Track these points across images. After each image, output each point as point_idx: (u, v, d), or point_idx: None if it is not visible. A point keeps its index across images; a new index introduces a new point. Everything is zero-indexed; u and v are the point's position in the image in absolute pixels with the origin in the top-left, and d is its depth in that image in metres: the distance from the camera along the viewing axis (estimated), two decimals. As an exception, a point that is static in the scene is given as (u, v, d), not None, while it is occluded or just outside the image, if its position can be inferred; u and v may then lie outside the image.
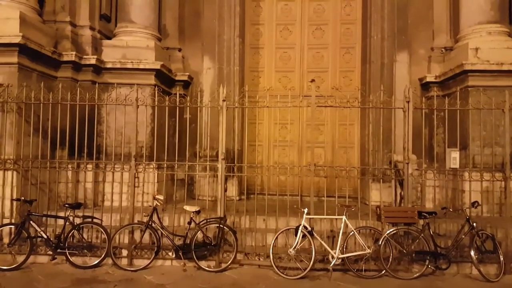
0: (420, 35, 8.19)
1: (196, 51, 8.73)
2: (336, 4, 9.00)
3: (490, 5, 7.06)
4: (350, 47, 8.97)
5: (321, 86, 8.71)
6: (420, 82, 8.04)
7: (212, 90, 8.20)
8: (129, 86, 6.90)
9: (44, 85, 6.03)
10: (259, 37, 9.24)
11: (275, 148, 8.51)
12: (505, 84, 6.65)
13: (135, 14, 7.65)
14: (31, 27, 6.24)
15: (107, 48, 7.51)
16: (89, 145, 6.49)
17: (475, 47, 6.85)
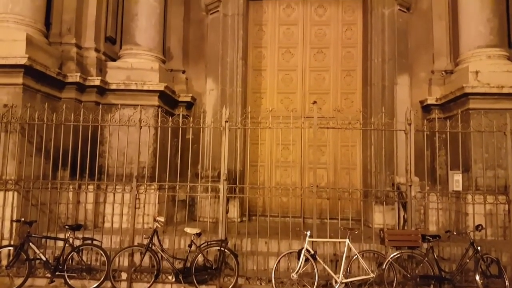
0: (421, 58, 8.30)
1: (199, 73, 8.84)
2: (337, 28, 9.15)
3: (489, 30, 7.17)
4: (351, 70, 9.06)
5: (323, 108, 8.75)
6: (421, 105, 8.08)
7: (214, 111, 8.27)
8: (133, 107, 6.99)
9: (48, 106, 6.09)
10: (261, 59, 9.36)
11: (277, 169, 8.49)
12: (506, 107, 6.69)
13: (140, 36, 7.78)
14: (37, 48, 6.34)
15: (112, 69, 7.61)
16: (91, 166, 6.48)
17: (475, 70, 6.91)
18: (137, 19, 7.75)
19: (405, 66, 8.14)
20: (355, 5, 9.08)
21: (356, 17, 9.08)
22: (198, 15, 8.92)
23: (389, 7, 8.13)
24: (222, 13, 8.50)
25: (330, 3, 9.16)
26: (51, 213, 6.07)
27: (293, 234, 5.69)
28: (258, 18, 9.31)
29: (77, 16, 7.26)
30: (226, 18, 8.51)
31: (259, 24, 9.34)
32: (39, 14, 6.66)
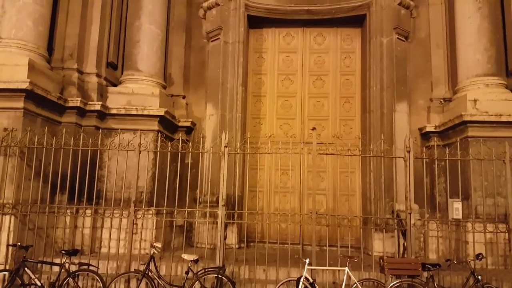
0: (419, 86, 8.39)
1: (200, 99, 8.93)
2: (336, 56, 9.30)
3: (486, 59, 7.28)
4: (350, 97, 9.15)
5: (322, 134, 8.79)
6: (420, 132, 8.12)
7: (214, 136, 8.30)
8: (133, 132, 7.03)
9: (48, 130, 6.12)
10: (261, 85, 9.46)
11: (276, 195, 8.45)
12: (504, 135, 6.73)
13: (142, 63, 7.90)
14: (39, 73, 6.43)
15: (112, 94, 7.68)
16: (89, 190, 6.46)
17: (474, 98, 6.99)
18: (139, 46, 7.89)
19: (403, 93, 8.22)
20: (353, 34, 9.26)
21: (355, 45, 9.24)
22: (199, 42, 9.09)
23: (388, 36, 8.29)
24: (223, 41, 8.66)
25: (329, 32, 9.34)
26: (47, 238, 6.00)
27: (292, 262, 5.61)
28: (258, 45, 9.48)
29: (79, 41, 7.38)
30: (227, 45, 8.66)
31: (259, 52, 9.49)
32: (42, 39, 6.78)
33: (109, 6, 7.97)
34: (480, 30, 7.34)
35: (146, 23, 7.93)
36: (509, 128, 6.82)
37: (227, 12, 8.69)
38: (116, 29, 8.20)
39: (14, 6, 6.53)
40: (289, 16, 9.04)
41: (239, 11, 8.74)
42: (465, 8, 7.53)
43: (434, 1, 8.54)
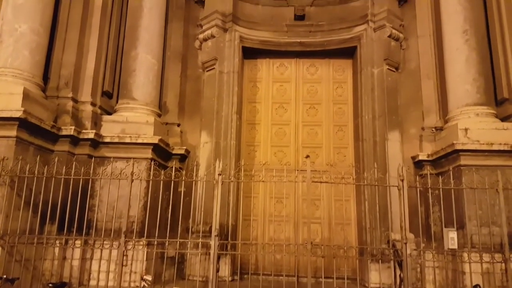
0: (411, 115, 8.49)
1: (194, 126, 8.95)
2: (328, 86, 9.45)
3: (476, 89, 7.41)
4: (343, 125, 9.24)
5: (316, 161, 8.82)
6: (413, 160, 8.15)
7: (208, 164, 8.27)
8: (126, 160, 6.97)
9: (40, 159, 6.06)
10: (255, 113, 9.54)
11: (270, 223, 8.35)
12: (496, 164, 6.76)
13: (137, 91, 7.94)
14: (34, 102, 6.43)
15: (107, 123, 7.67)
16: (80, 220, 6.34)
17: (465, 127, 7.07)
18: (135, 75, 7.95)
19: (395, 122, 8.31)
20: (345, 65, 9.46)
21: (346, 75, 9.42)
22: (195, 72, 9.21)
23: (378, 66, 8.46)
24: (218, 70, 8.78)
25: (321, 63, 9.54)
26: (35, 270, 5.83)
27: (287, 295, 5.48)
28: (253, 75, 9.63)
29: (75, 70, 7.41)
30: (222, 75, 8.78)
31: (254, 81, 9.63)
32: (38, 68, 6.83)
33: (106, 36, 8.08)
34: (469, 61, 7.51)
35: (143, 53, 8.04)
36: (500, 156, 6.87)
37: (223, 43, 8.87)
38: (112, 58, 8.29)
39: (12, 36, 6.60)
40: (283, 47, 9.25)
41: (234, 42, 8.92)
42: (453, 40, 7.74)
43: (423, 33, 8.77)
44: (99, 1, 7.88)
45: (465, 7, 7.72)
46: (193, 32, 9.29)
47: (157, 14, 8.35)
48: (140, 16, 8.16)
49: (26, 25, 6.66)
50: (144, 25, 8.12)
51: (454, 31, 7.73)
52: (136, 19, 8.18)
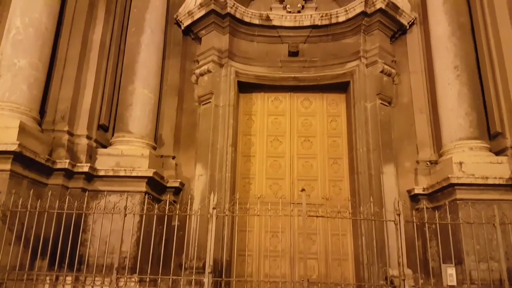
0: (405, 149, 8.54)
1: (189, 159, 8.94)
2: (322, 119, 9.56)
3: (468, 123, 7.52)
4: (337, 158, 9.27)
5: (312, 194, 8.77)
6: (408, 194, 8.13)
7: (203, 196, 8.19)
8: (119, 194, 6.91)
9: (34, 192, 6.01)
10: (251, 146, 9.56)
11: (265, 259, 8.18)
12: (492, 198, 6.76)
13: (133, 125, 7.99)
14: (29, 135, 6.45)
15: (102, 156, 7.66)
16: (72, 255, 6.20)
17: (459, 161, 7.11)
18: (131, 109, 8.03)
19: (390, 156, 8.34)
20: (338, 99, 9.61)
21: (340, 109, 9.55)
22: (191, 105, 9.30)
23: (371, 101, 8.59)
24: (214, 104, 8.88)
25: (315, 97, 9.70)
26: (22, 309, 5.64)
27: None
28: (248, 108, 9.74)
29: (72, 104, 7.48)
30: (218, 108, 8.87)
31: (249, 114, 9.73)
32: (35, 103, 6.90)
33: (103, 71, 8.22)
34: (460, 96, 7.66)
35: (140, 87, 8.15)
36: (496, 190, 6.87)
37: (219, 78, 9.02)
38: (109, 93, 8.39)
39: (10, 71, 6.70)
40: (277, 82, 9.43)
41: (230, 77, 9.08)
42: (444, 76, 7.92)
43: (414, 69, 8.98)
44: (98, 37, 8.06)
45: (455, 43, 7.95)
46: (189, 67, 9.46)
47: (155, 50, 8.54)
48: (138, 52, 8.33)
49: (25, 60, 6.79)
50: (142, 60, 8.28)
51: (445, 67, 7.92)
52: (134, 54, 8.35)
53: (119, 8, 8.85)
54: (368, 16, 8.79)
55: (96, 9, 8.21)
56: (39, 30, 6.99)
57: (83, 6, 7.95)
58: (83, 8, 7.94)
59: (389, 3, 8.68)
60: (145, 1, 8.64)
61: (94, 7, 8.17)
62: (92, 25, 8.09)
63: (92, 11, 8.12)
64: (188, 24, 9.31)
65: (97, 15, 8.19)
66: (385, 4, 8.62)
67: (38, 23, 7.00)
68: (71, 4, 7.89)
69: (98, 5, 8.24)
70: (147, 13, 8.58)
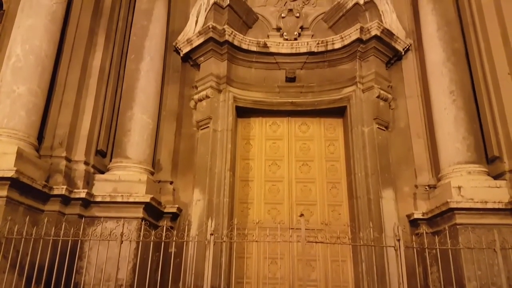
0: (403, 173, 8.53)
1: (187, 184, 8.89)
2: (320, 143, 9.59)
3: (466, 147, 7.54)
4: (336, 182, 9.24)
5: (310, 219, 8.69)
6: (408, 219, 8.06)
7: (200, 222, 8.11)
8: (116, 220, 6.83)
9: (30, 219, 5.95)
10: (249, 170, 9.54)
11: (264, 286, 8.01)
12: (492, 222, 6.71)
13: (131, 150, 7.98)
14: (27, 161, 6.43)
15: (99, 182, 7.63)
16: (67, 283, 6.07)
17: (458, 185, 7.10)
18: (129, 134, 8.04)
19: (388, 180, 8.31)
20: (335, 124, 9.68)
21: (338, 134, 9.61)
22: (189, 130, 9.33)
23: (368, 125, 8.65)
24: (212, 129, 8.92)
25: (313, 122, 9.77)
26: None
27: None
28: (246, 133, 9.78)
29: (70, 130, 7.48)
30: (216, 133, 8.91)
31: (247, 139, 9.76)
32: (33, 128, 6.91)
33: (103, 97, 8.27)
34: (457, 120, 7.71)
35: (138, 113, 8.20)
36: (495, 215, 6.84)
37: (217, 103, 9.10)
38: (108, 118, 8.42)
39: (9, 97, 6.73)
40: (275, 107, 9.53)
41: (228, 102, 9.17)
42: (440, 100, 8.01)
43: (411, 94, 9.08)
44: (97, 63, 8.14)
45: (450, 69, 8.07)
46: (188, 93, 9.55)
47: (154, 76, 8.63)
48: (137, 78, 8.42)
49: (24, 86, 6.83)
50: (141, 87, 8.36)
51: (441, 91, 8.02)
52: (133, 81, 8.44)
53: (119, 35, 8.99)
54: (363, 43, 8.96)
55: (96, 36, 8.33)
56: (39, 57, 7.07)
57: (83, 33, 8.06)
58: (83, 35, 8.05)
59: (384, 30, 8.87)
60: (144, 29, 8.81)
61: (94, 34, 8.30)
62: (92, 51, 8.19)
63: (92, 38, 8.23)
64: (187, 51, 9.47)
65: (97, 41, 8.30)
66: (380, 31, 8.81)
67: (39, 50, 7.09)
68: (71, 31, 8.01)
69: (98, 32, 8.37)
70: (147, 40, 8.73)
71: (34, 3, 7.30)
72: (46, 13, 7.31)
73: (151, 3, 9.06)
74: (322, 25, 9.90)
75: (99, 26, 8.41)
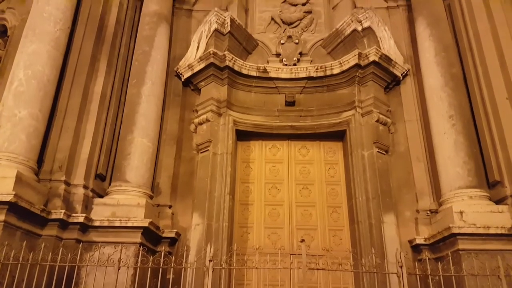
0: (404, 198, 8.47)
1: (186, 208, 8.82)
2: (320, 166, 9.58)
3: (466, 172, 7.51)
4: (337, 206, 9.17)
5: (311, 245, 8.58)
6: (410, 244, 7.95)
7: (199, 248, 7.99)
8: (114, 245, 6.73)
9: (27, 244, 5.85)
10: (248, 194, 9.49)
11: (264, 318, 7.83)
12: (495, 248, 6.63)
13: (131, 174, 7.96)
14: (26, 185, 6.40)
15: (98, 206, 7.56)
16: (62, 312, 5.93)
17: (460, 210, 7.03)
18: (129, 158, 8.04)
19: (389, 204, 8.25)
20: (335, 147, 9.70)
21: (338, 157, 9.61)
22: (189, 153, 9.34)
23: (368, 149, 8.66)
24: (212, 152, 8.93)
25: (312, 145, 9.79)
26: None
27: None
28: (246, 156, 9.79)
29: (70, 154, 7.47)
30: (216, 156, 8.91)
31: (247, 162, 9.75)
32: (33, 152, 6.90)
33: (103, 121, 8.30)
34: (457, 144, 7.71)
35: (139, 137, 8.22)
36: (498, 240, 6.75)
37: (217, 127, 9.15)
38: (108, 142, 8.42)
39: (10, 121, 6.76)
40: (275, 130, 9.58)
41: (228, 126, 9.22)
42: (440, 125, 8.04)
43: (410, 118, 9.13)
44: (99, 89, 8.21)
45: (448, 94, 8.14)
46: (188, 116, 9.62)
47: (155, 101, 8.71)
48: (138, 103, 8.49)
49: (26, 110, 6.86)
50: (142, 111, 8.42)
51: (440, 116, 8.06)
52: (134, 105, 8.50)
53: (120, 61, 9.13)
54: (362, 68, 9.08)
55: (98, 62, 8.43)
56: (41, 82, 7.14)
57: (86, 59, 8.17)
58: (85, 60, 8.15)
59: (382, 56, 9.00)
60: (146, 54, 8.95)
61: (96, 60, 8.40)
62: (93, 77, 8.27)
63: (94, 64, 8.33)
64: (188, 76, 9.60)
65: (99, 67, 8.40)
66: (378, 57, 8.94)
67: (41, 75, 7.16)
68: (74, 56, 8.11)
69: (100, 58, 8.48)
70: (148, 66, 8.85)
71: (38, 30, 7.44)
72: (50, 39, 7.43)
73: (153, 30, 9.25)
74: (320, 51, 10.08)
75: (101, 52, 8.54)
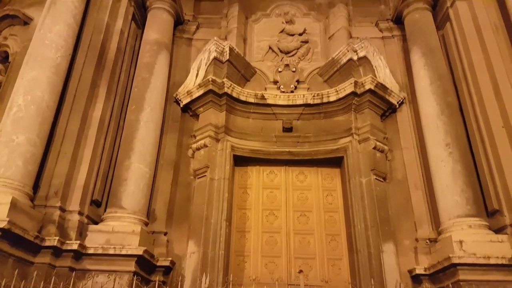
0: (403, 226, 8.39)
1: (182, 235, 8.68)
2: (318, 193, 9.52)
3: (465, 200, 7.47)
4: (335, 234, 9.05)
5: (310, 275, 8.40)
6: (410, 274, 7.79)
7: (194, 277, 7.81)
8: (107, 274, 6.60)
9: (19, 272, 5.70)
10: (245, 220, 9.38)
11: None
12: (496, 279, 6.52)
13: (127, 200, 7.88)
14: (20, 211, 6.31)
15: (92, 233, 7.44)
16: None
17: (459, 240, 6.95)
18: (126, 184, 7.98)
19: (388, 233, 8.15)
20: (333, 174, 9.68)
21: (335, 184, 9.57)
22: (186, 179, 9.30)
23: (366, 176, 8.64)
24: (209, 177, 8.88)
25: (310, 171, 9.76)
26: None
27: None
28: (243, 182, 9.73)
29: (66, 180, 7.40)
30: (213, 181, 8.86)
31: (244, 187, 9.69)
32: (29, 178, 6.84)
33: (101, 147, 8.26)
34: (454, 172, 7.70)
35: (136, 162, 8.20)
36: (499, 271, 6.63)
37: (214, 152, 9.15)
38: (105, 168, 8.37)
39: (8, 147, 6.73)
40: (272, 156, 9.58)
41: (226, 151, 9.22)
42: (437, 152, 8.05)
43: (406, 145, 9.18)
44: (97, 114, 8.21)
45: (444, 122, 8.21)
46: (186, 142, 9.64)
47: (153, 127, 8.75)
48: (136, 129, 8.52)
49: (24, 136, 6.84)
50: (140, 136, 8.44)
51: (437, 144, 8.09)
52: (132, 130, 8.52)
53: (120, 87, 9.21)
54: (358, 96, 9.20)
55: (98, 88, 8.48)
56: (40, 108, 7.14)
57: (86, 85, 8.20)
58: (85, 86, 8.18)
59: (377, 84, 9.13)
60: (146, 81, 9.06)
61: (96, 86, 8.45)
62: (93, 102, 8.30)
63: (94, 90, 8.37)
64: (187, 102, 9.69)
65: (98, 93, 8.44)
66: (374, 85, 9.06)
67: (40, 101, 7.17)
68: (74, 82, 8.15)
69: (100, 84, 8.54)
70: (148, 92, 8.95)
71: (39, 56, 7.51)
72: (50, 65, 7.50)
73: (153, 57, 9.40)
74: (317, 79, 10.23)
75: (101, 78, 8.60)
